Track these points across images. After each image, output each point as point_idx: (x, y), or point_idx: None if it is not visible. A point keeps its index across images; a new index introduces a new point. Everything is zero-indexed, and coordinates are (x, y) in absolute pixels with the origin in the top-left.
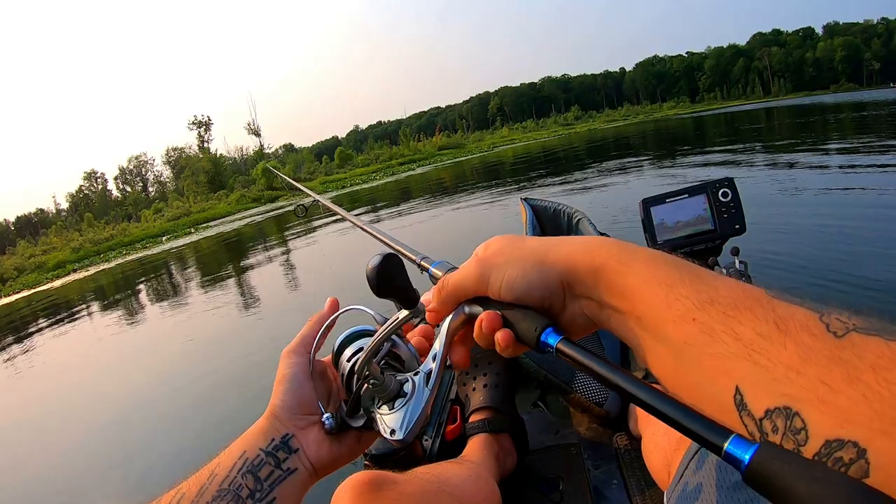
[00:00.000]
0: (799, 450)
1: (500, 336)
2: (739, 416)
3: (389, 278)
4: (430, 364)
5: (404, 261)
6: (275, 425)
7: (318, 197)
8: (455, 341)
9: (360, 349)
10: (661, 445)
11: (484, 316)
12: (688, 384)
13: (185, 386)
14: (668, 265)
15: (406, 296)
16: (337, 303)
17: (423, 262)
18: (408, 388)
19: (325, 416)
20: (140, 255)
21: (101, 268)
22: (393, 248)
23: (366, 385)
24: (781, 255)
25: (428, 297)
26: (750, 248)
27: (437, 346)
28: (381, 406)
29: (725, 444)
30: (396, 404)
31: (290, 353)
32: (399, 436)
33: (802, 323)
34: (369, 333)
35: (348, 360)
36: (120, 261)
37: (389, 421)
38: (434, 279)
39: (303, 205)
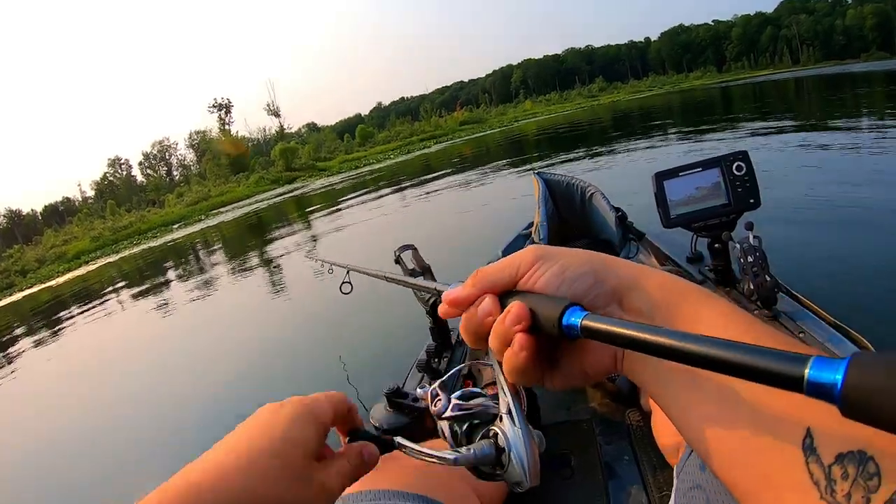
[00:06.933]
0: (869, 497)
1: (518, 339)
2: (805, 463)
3: None
4: (503, 399)
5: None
6: None
7: (351, 267)
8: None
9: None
10: (669, 420)
11: (513, 307)
12: (746, 427)
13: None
14: (744, 313)
15: None
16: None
17: (438, 287)
18: (502, 440)
19: None
20: (148, 245)
21: (108, 260)
22: (415, 287)
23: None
24: (797, 230)
25: (451, 291)
26: (765, 223)
27: (499, 376)
28: (496, 470)
29: (806, 371)
30: (504, 461)
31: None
32: (526, 487)
33: None
34: (478, 395)
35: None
36: (126, 253)
37: (509, 478)
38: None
39: (347, 282)
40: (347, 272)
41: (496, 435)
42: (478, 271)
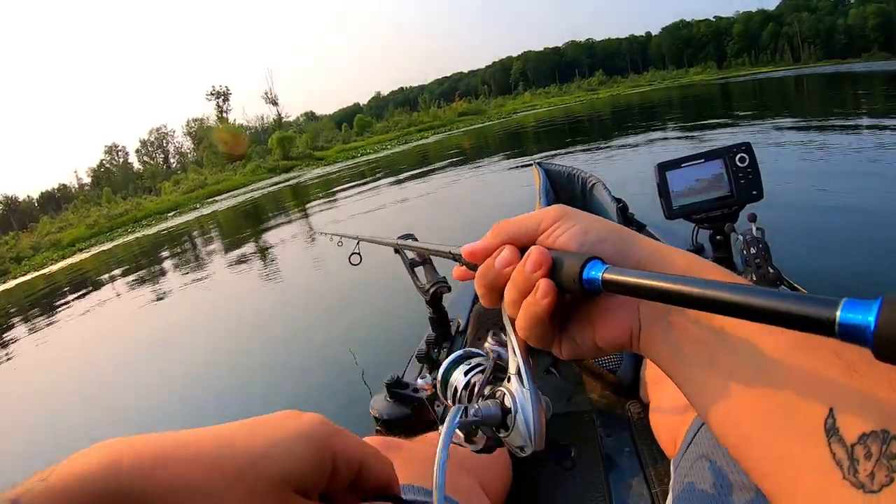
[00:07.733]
0: (893, 477)
1: (542, 284)
2: (827, 443)
3: None
4: (514, 360)
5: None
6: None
7: (360, 237)
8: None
9: (477, 366)
10: (666, 413)
11: (532, 251)
12: (766, 406)
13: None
14: None
15: None
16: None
17: (452, 250)
18: (508, 401)
19: None
20: (143, 232)
21: (102, 248)
22: (429, 252)
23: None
24: (800, 223)
25: (469, 245)
26: (768, 215)
27: (511, 336)
28: (499, 431)
29: (837, 313)
30: (509, 422)
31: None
32: (529, 451)
33: None
34: (478, 355)
35: (465, 374)
36: (120, 241)
37: (513, 441)
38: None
39: (357, 252)
40: (357, 242)
41: (503, 395)
42: (498, 223)
